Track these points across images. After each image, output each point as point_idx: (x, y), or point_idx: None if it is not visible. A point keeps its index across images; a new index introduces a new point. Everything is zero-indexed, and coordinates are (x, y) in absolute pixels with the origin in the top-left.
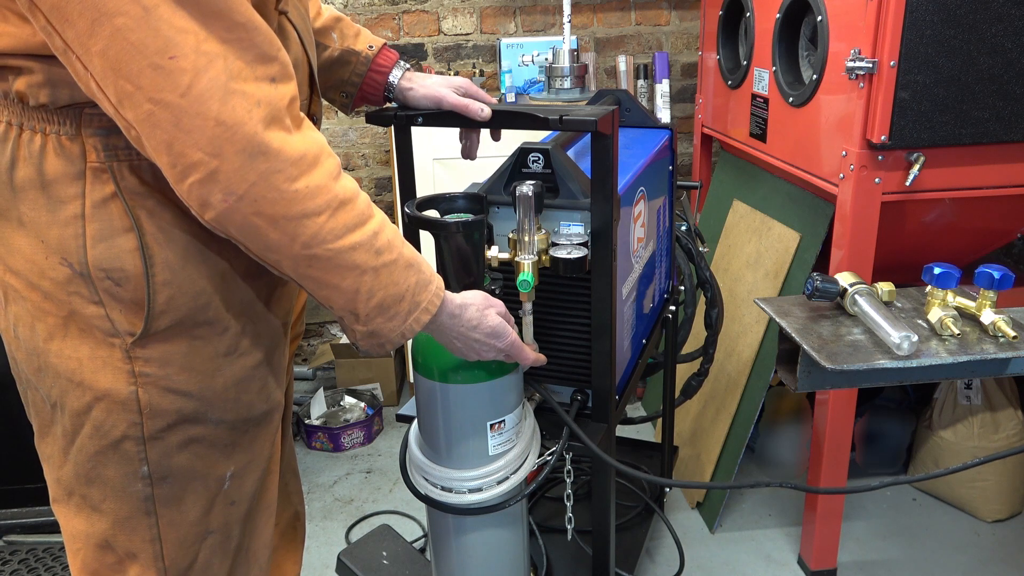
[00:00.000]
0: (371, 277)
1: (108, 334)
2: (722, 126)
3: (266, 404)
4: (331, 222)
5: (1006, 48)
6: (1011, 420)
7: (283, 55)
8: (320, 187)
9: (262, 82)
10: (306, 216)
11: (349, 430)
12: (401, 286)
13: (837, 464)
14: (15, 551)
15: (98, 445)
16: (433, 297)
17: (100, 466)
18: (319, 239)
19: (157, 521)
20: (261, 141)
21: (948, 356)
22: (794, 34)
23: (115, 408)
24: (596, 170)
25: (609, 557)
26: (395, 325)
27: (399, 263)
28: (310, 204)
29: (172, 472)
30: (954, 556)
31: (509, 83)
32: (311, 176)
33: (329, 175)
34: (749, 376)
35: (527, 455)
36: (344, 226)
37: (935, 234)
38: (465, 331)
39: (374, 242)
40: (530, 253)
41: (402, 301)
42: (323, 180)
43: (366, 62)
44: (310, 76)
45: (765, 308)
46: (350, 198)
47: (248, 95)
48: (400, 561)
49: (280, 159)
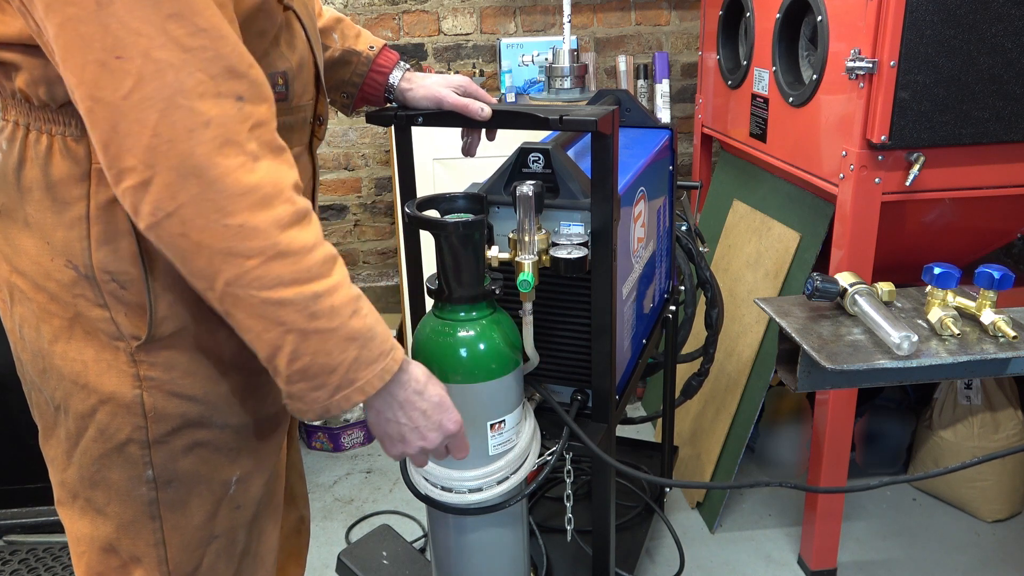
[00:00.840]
0: (297, 339)
1: (113, 337)
2: (722, 126)
3: (272, 408)
4: (261, 269)
5: (1006, 48)
6: (1011, 420)
7: (256, 73)
8: (258, 231)
9: (224, 99)
10: (232, 255)
11: (349, 430)
12: (335, 358)
13: (837, 464)
14: (15, 551)
15: (102, 448)
16: (373, 379)
17: (104, 469)
18: (244, 282)
19: (162, 525)
20: (199, 164)
21: (948, 356)
22: (794, 34)
23: (120, 411)
24: (596, 170)
25: (609, 557)
26: (319, 396)
27: (337, 334)
28: (240, 244)
29: (177, 476)
30: (954, 556)
31: (509, 83)
32: (253, 216)
33: (276, 223)
34: (749, 376)
35: (527, 455)
36: (276, 278)
37: (935, 234)
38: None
39: (311, 305)
40: (530, 253)
41: (332, 374)
42: (265, 225)
43: (367, 63)
44: (316, 76)
45: (765, 308)
46: (295, 251)
47: (197, 112)
48: (400, 561)
49: (218, 187)
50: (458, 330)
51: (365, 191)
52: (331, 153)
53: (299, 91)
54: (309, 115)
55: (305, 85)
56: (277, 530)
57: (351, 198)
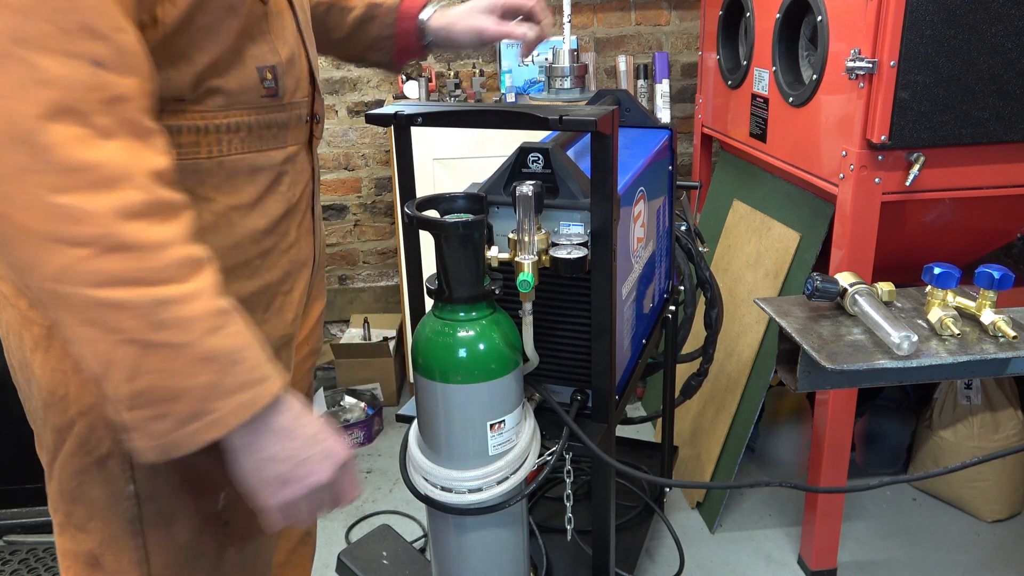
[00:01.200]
0: (135, 352)
1: None
2: (722, 126)
3: None
4: (92, 263)
5: (1006, 48)
6: (1011, 420)
7: (125, 39)
8: (91, 215)
9: (75, 60)
10: (57, 241)
11: (349, 430)
12: (182, 381)
13: (837, 464)
14: (15, 551)
15: (81, 462)
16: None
17: (85, 484)
18: (69, 276)
19: (145, 542)
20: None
21: (948, 356)
22: (794, 34)
23: (99, 424)
24: (596, 170)
25: (609, 557)
26: (162, 428)
27: (187, 351)
28: (67, 229)
29: (161, 492)
30: (954, 556)
31: (509, 83)
32: (86, 197)
33: (118, 210)
34: (749, 376)
35: (527, 455)
36: (110, 275)
37: (935, 234)
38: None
39: (156, 313)
40: (530, 253)
41: (178, 401)
42: (102, 208)
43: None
44: (310, 73)
45: (765, 308)
46: (139, 246)
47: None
48: (400, 561)
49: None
50: (458, 330)
51: (365, 191)
52: (331, 153)
53: (291, 87)
54: (304, 113)
55: (298, 81)
56: (271, 547)
57: (351, 198)
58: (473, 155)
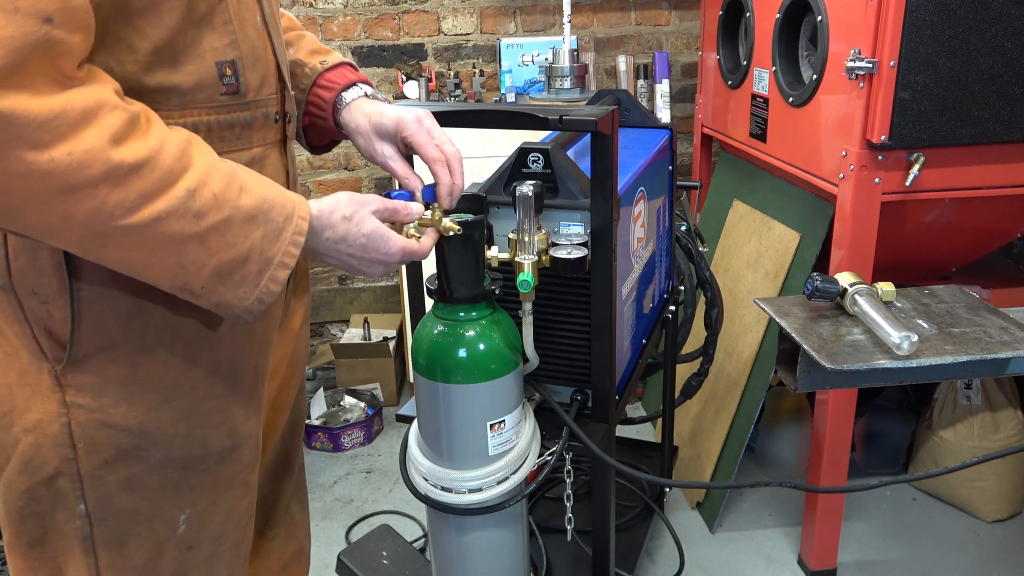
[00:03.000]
0: (195, 246)
1: (36, 357)
2: (722, 126)
3: (228, 440)
4: (116, 193)
5: (1006, 48)
6: (1011, 420)
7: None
8: (91, 153)
9: (25, 17)
10: (76, 190)
11: (349, 430)
12: (241, 247)
13: (837, 464)
14: None
15: (28, 482)
16: (289, 247)
17: (33, 503)
18: (104, 215)
19: (96, 563)
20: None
21: (948, 356)
22: (794, 34)
23: (45, 442)
24: (596, 170)
25: (609, 557)
26: (244, 292)
27: (234, 220)
28: (78, 176)
29: (113, 513)
30: (954, 556)
31: (509, 83)
32: (75, 140)
33: (106, 135)
34: (749, 376)
35: (527, 455)
36: (139, 195)
37: (935, 234)
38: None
39: (190, 204)
40: (530, 253)
41: (247, 263)
42: (95, 143)
43: (311, 75)
44: (277, 68)
45: (765, 308)
46: (145, 159)
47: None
48: (400, 561)
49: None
50: (458, 330)
51: (365, 191)
52: (331, 153)
53: (254, 83)
54: (272, 111)
55: (263, 78)
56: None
57: None
58: (473, 155)
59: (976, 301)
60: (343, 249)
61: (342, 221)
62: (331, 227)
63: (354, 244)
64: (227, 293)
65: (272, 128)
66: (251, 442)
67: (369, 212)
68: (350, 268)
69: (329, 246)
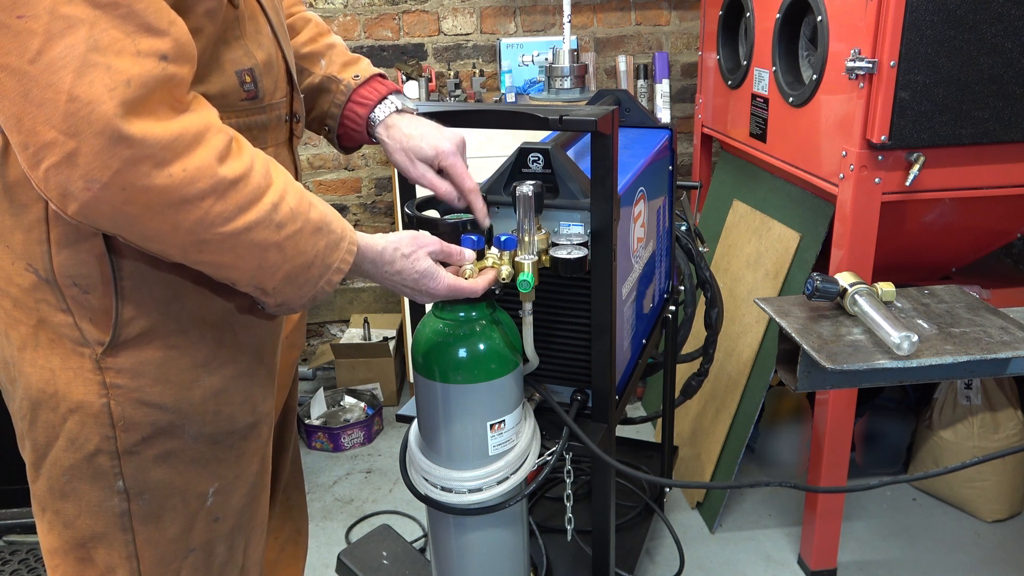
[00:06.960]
0: (275, 253)
1: (78, 344)
2: (722, 126)
3: (251, 416)
4: (219, 205)
5: (1006, 48)
6: (1011, 420)
7: (178, 31)
8: (201, 170)
9: (146, 58)
10: (187, 202)
11: (349, 430)
12: (309, 254)
13: (837, 464)
14: (15, 551)
15: (72, 459)
16: (345, 255)
17: (75, 480)
18: (206, 224)
19: (134, 538)
20: (118, 126)
21: (948, 356)
22: (794, 34)
23: (88, 421)
24: (596, 170)
25: (609, 557)
26: (305, 292)
27: (305, 231)
28: (190, 190)
29: (149, 488)
30: (954, 556)
31: (509, 83)
32: (189, 159)
33: (213, 154)
34: (749, 376)
35: (527, 455)
36: (236, 207)
37: (935, 234)
38: (390, 277)
39: (274, 216)
40: (530, 253)
41: (311, 268)
42: (204, 161)
43: (347, 91)
44: (287, 73)
45: (765, 308)
46: (241, 175)
47: (115, 71)
48: (400, 561)
49: (146, 145)
50: (458, 330)
51: (365, 191)
52: (331, 153)
53: (269, 88)
54: (284, 113)
55: (276, 82)
56: (262, 543)
57: (351, 198)
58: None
59: (976, 301)
60: (398, 280)
61: (401, 258)
62: (391, 263)
63: (407, 278)
64: (292, 293)
65: (283, 128)
66: (268, 419)
67: (425, 253)
68: (403, 294)
69: (387, 276)
